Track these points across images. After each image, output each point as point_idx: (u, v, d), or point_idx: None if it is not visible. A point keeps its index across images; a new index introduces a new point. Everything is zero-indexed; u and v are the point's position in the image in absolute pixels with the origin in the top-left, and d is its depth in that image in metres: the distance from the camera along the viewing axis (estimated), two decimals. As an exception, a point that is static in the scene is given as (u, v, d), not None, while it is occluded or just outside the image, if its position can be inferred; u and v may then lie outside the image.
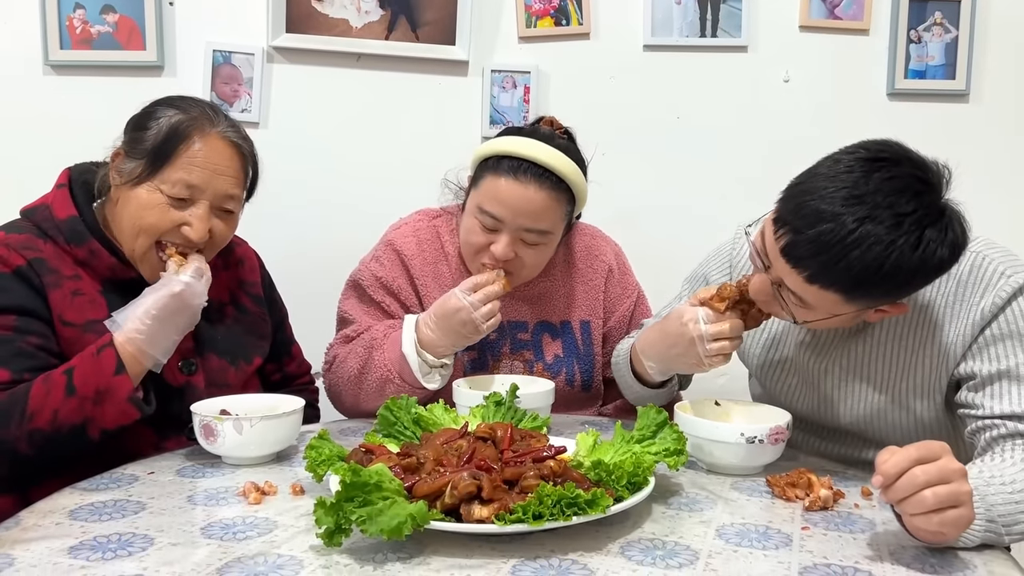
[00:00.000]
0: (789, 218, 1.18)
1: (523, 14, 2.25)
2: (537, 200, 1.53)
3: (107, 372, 1.25)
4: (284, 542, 0.97)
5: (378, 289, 1.67)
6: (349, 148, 2.28)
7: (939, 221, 1.14)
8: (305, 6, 2.20)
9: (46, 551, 0.94)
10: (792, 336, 1.45)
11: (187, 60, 2.21)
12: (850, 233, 1.11)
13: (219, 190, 1.39)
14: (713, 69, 2.25)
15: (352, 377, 1.58)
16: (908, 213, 1.12)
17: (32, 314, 1.32)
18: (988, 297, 1.25)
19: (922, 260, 1.12)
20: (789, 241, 1.17)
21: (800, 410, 1.46)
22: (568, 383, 1.71)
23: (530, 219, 1.54)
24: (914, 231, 1.11)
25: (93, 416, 1.25)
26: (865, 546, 0.99)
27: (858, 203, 1.12)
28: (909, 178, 1.15)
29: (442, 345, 1.50)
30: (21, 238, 1.37)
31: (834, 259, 1.13)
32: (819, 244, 1.13)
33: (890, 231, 1.11)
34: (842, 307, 1.21)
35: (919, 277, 1.16)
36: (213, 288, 1.46)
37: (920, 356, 1.32)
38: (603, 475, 1.05)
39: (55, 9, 2.15)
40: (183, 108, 1.40)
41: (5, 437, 1.24)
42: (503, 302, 1.58)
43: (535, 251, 1.59)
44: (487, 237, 1.57)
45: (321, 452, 1.09)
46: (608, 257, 1.78)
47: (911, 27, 2.26)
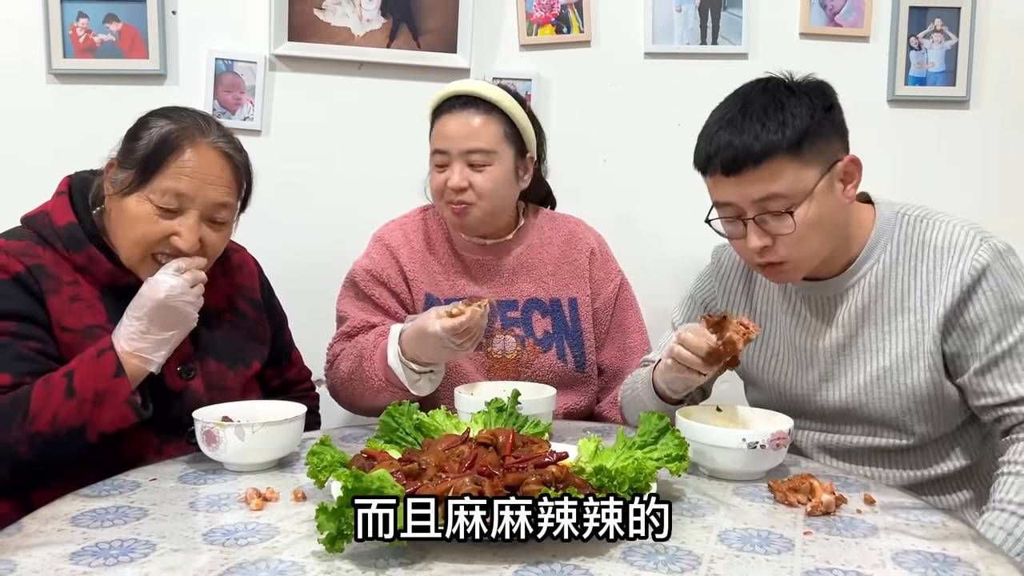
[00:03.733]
0: (703, 155, 1.34)
1: (524, 22, 2.26)
2: (471, 123, 1.69)
3: (106, 374, 1.27)
4: (286, 548, 0.97)
5: (369, 282, 1.73)
6: (351, 156, 2.28)
7: (793, 79, 1.36)
8: (307, 15, 2.21)
9: (48, 557, 0.94)
10: (780, 322, 1.49)
11: (189, 68, 2.22)
12: (740, 109, 1.31)
13: (209, 199, 1.39)
14: (714, 76, 2.24)
15: (347, 380, 1.65)
16: (769, 77, 1.37)
17: (31, 319, 1.33)
18: (964, 261, 1.33)
19: (799, 84, 1.34)
20: (718, 163, 1.30)
21: (797, 393, 1.49)
22: (560, 358, 1.75)
23: (470, 140, 1.68)
24: (779, 79, 1.36)
25: (91, 419, 1.26)
26: (868, 551, 0.99)
27: (728, 102, 1.36)
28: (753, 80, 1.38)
29: (424, 357, 1.53)
30: (20, 245, 1.37)
31: (748, 129, 1.28)
32: (731, 133, 1.30)
33: (762, 84, 1.35)
34: (803, 175, 1.29)
35: (817, 97, 1.32)
36: (211, 294, 1.47)
37: (905, 322, 1.38)
38: (605, 481, 1.04)
39: (58, 18, 2.15)
40: (174, 118, 1.41)
41: (6, 439, 1.25)
42: (493, 281, 1.70)
43: (485, 175, 1.69)
44: (443, 175, 1.70)
45: (323, 458, 1.09)
46: (591, 241, 1.86)
47: (911, 34, 2.27)
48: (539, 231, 1.83)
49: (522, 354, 1.74)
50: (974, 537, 1.04)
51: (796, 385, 1.49)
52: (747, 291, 1.55)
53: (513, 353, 1.74)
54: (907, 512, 1.12)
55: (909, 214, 1.41)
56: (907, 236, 1.39)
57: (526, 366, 1.74)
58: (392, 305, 1.73)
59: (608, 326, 1.83)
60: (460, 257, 1.78)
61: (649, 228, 2.25)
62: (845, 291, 1.41)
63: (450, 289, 1.75)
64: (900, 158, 2.24)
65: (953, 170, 2.31)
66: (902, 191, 1.46)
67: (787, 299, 1.48)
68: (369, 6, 2.23)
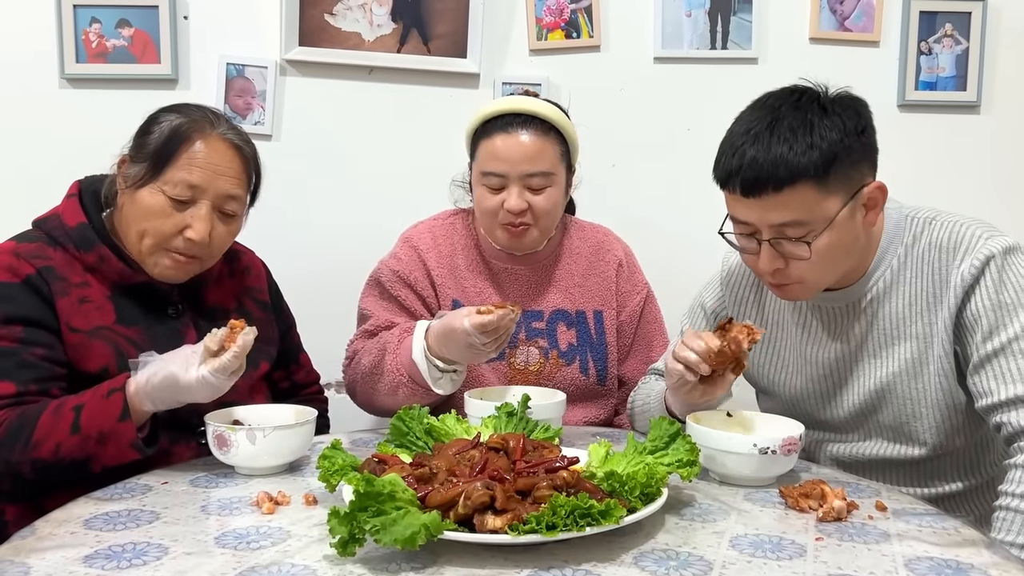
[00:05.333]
0: (725, 169, 1.29)
1: (534, 27, 2.27)
2: (530, 144, 1.63)
3: (112, 416, 1.25)
4: (298, 551, 0.97)
5: (396, 283, 1.71)
6: (361, 160, 2.29)
7: (828, 94, 1.30)
8: (318, 20, 2.22)
9: (61, 560, 0.95)
10: (791, 332, 1.48)
11: (201, 73, 2.23)
12: (768, 125, 1.25)
13: (220, 190, 1.41)
14: (723, 81, 2.26)
15: (367, 375, 1.61)
16: (804, 90, 1.30)
17: (39, 324, 1.34)
18: (967, 259, 1.30)
19: (833, 101, 1.28)
20: (739, 181, 1.26)
21: (808, 402, 1.48)
22: (583, 371, 1.73)
23: (530, 163, 1.62)
24: (813, 93, 1.30)
25: (96, 454, 1.26)
26: (880, 556, 0.98)
27: (756, 113, 1.29)
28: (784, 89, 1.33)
29: (449, 355, 1.50)
30: (32, 247, 1.39)
31: (774, 148, 1.24)
32: (756, 150, 1.24)
33: (795, 98, 1.29)
34: (826, 203, 1.26)
35: (850, 119, 1.26)
36: (219, 294, 1.49)
37: (914, 327, 1.37)
38: (616, 486, 1.04)
39: (71, 23, 2.17)
40: (184, 112, 1.43)
41: (9, 459, 1.26)
42: (520, 290, 1.67)
43: (544, 196, 1.65)
44: (498, 197, 1.65)
45: (334, 462, 1.10)
46: (618, 252, 1.83)
47: (921, 39, 2.26)
48: (568, 241, 1.81)
49: (545, 366, 1.72)
50: (987, 544, 1.04)
51: (807, 394, 1.48)
52: (758, 299, 1.54)
53: (536, 365, 1.72)
54: (920, 518, 1.12)
55: (918, 216, 1.39)
56: (915, 238, 1.37)
57: (548, 378, 1.71)
58: (417, 307, 1.70)
59: (632, 339, 1.80)
60: (488, 265, 1.76)
61: (658, 233, 2.25)
62: (856, 301, 1.40)
63: (477, 296, 1.73)
64: (910, 163, 2.23)
65: (964, 175, 2.30)
66: (912, 197, 1.45)
67: (798, 309, 1.48)
68: (379, 11, 2.23)
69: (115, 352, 1.37)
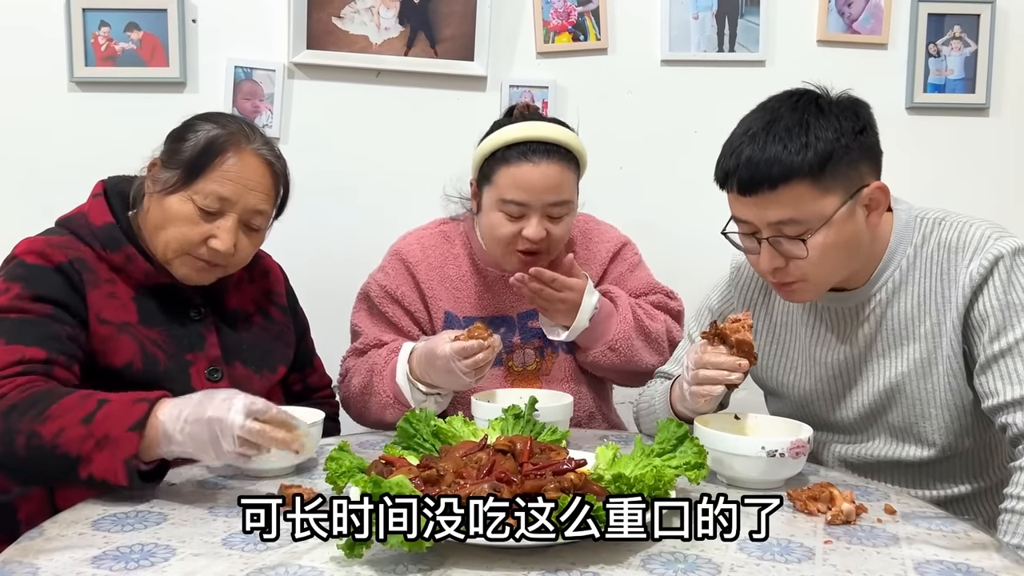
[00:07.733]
0: (723, 169, 1.31)
1: (541, 30, 2.27)
2: (553, 175, 1.61)
3: (125, 423, 1.15)
4: (305, 553, 0.97)
5: (384, 299, 1.71)
6: (369, 163, 2.29)
7: (827, 95, 1.32)
8: (325, 23, 2.22)
9: (69, 561, 0.95)
10: (800, 333, 1.48)
11: (209, 76, 2.23)
12: (765, 125, 1.27)
13: (249, 205, 1.41)
14: (731, 84, 2.26)
15: (357, 395, 1.64)
16: (803, 92, 1.32)
17: (67, 308, 1.33)
18: (976, 260, 1.30)
19: (831, 102, 1.29)
20: (736, 180, 1.28)
21: (817, 403, 1.48)
22: (570, 351, 1.75)
23: (553, 194, 1.61)
24: (812, 95, 1.31)
25: (88, 457, 1.15)
26: (889, 560, 0.98)
27: (756, 115, 1.31)
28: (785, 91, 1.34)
29: (431, 379, 1.51)
30: (63, 239, 1.40)
31: (770, 148, 1.25)
32: (752, 150, 1.26)
33: (793, 99, 1.30)
34: (822, 202, 1.26)
35: (847, 119, 1.28)
36: (239, 298, 1.48)
37: (923, 327, 1.36)
38: (624, 488, 1.04)
39: (80, 26, 2.18)
40: (221, 123, 1.43)
41: (17, 425, 1.17)
42: (514, 296, 1.67)
43: (562, 225, 1.66)
44: (516, 225, 1.63)
45: (341, 464, 1.10)
46: (616, 241, 1.82)
47: (929, 41, 2.26)
48: None
49: (541, 364, 1.73)
50: (997, 547, 1.03)
51: (816, 396, 1.47)
52: (766, 302, 1.54)
53: (533, 364, 1.73)
54: (929, 521, 1.11)
55: (927, 217, 1.39)
56: (924, 239, 1.37)
57: (546, 373, 1.73)
58: (405, 323, 1.71)
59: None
60: (481, 273, 1.75)
61: (665, 235, 2.25)
62: (865, 301, 1.40)
63: (470, 306, 1.73)
64: (919, 166, 2.22)
65: (973, 178, 2.29)
66: (921, 199, 1.45)
67: (807, 311, 1.47)
68: (387, 14, 2.24)
69: (140, 349, 1.37)
